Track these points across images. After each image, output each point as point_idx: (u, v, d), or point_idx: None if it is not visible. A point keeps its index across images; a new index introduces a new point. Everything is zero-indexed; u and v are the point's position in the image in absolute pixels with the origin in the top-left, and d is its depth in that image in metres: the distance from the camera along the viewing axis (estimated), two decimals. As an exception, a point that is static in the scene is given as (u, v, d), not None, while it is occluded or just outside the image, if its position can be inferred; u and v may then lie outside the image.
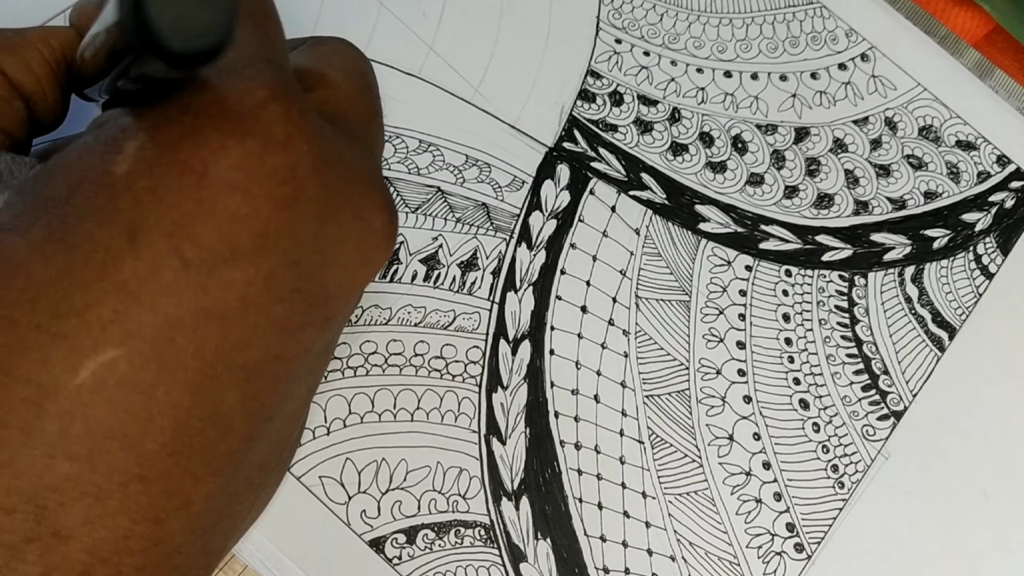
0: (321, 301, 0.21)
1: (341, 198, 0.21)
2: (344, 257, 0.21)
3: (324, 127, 0.21)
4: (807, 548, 0.29)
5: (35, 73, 0.24)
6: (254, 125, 0.19)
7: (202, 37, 0.16)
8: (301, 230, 0.20)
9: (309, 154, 0.20)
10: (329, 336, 0.23)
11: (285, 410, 0.22)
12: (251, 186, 0.19)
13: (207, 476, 0.20)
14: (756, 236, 0.33)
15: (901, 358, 0.31)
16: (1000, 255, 0.33)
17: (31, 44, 0.24)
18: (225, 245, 0.19)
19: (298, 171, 0.19)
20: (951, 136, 0.35)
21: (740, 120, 0.34)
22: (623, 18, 0.35)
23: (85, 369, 0.18)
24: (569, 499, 0.28)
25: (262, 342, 0.20)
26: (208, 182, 0.18)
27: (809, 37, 0.36)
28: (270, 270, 0.19)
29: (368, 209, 0.22)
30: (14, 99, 0.24)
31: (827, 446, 0.30)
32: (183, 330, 0.18)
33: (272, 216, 0.19)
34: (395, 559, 0.27)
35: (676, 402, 0.30)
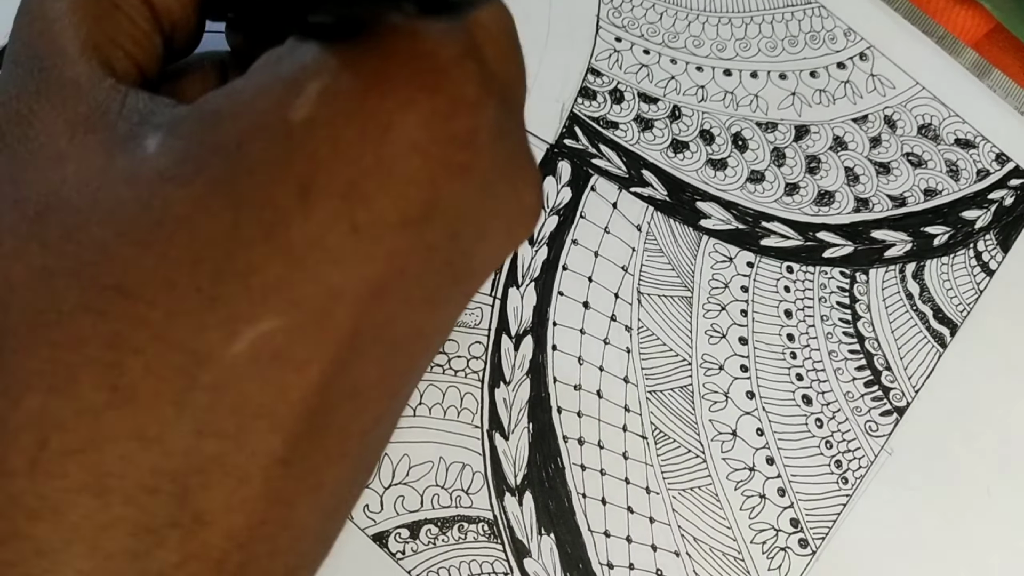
0: (467, 276, 0.20)
1: (506, 172, 0.19)
2: (495, 232, 0.20)
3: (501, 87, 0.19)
4: (811, 543, 0.28)
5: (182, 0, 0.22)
6: (446, 82, 0.17)
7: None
8: (466, 201, 0.18)
9: (493, 121, 0.18)
10: (460, 314, 0.21)
11: (407, 391, 0.21)
12: (432, 148, 0.17)
13: (339, 458, 0.19)
14: (757, 233, 0.33)
15: (903, 354, 0.31)
16: (1000, 252, 0.33)
17: None
18: (397, 211, 0.17)
19: (478, 138, 0.18)
20: (950, 134, 0.35)
21: (740, 118, 0.34)
22: (623, 16, 0.35)
23: (242, 339, 0.16)
24: (573, 494, 0.28)
25: (411, 316, 0.18)
26: (390, 139, 0.17)
27: (808, 36, 0.36)
28: (433, 241, 0.18)
29: (522, 184, 0.20)
30: (155, 33, 0.21)
31: (830, 442, 0.30)
32: (344, 302, 0.17)
33: (446, 184, 0.17)
34: (398, 554, 0.26)
35: (679, 398, 0.30)
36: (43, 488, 0.16)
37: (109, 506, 0.16)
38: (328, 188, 0.17)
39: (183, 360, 0.16)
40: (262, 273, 0.17)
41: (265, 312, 0.17)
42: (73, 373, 0.16)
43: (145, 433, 0.16)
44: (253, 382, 0.17)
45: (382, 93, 0.17)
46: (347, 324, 0.17)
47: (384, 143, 0.17)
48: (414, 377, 0.21)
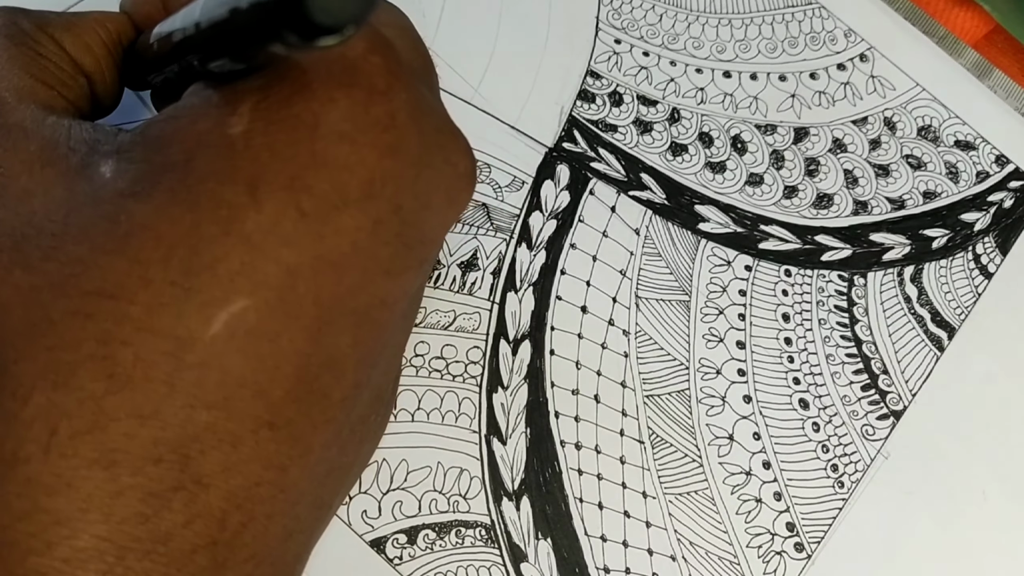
0: (418, 244, 0.22)
1: (434, 144, 0.22)
2: (437, 201, 0.22)
3: (412, 77, 0.21)
4: (807, 547, 0.29)
5: (94, 53, 0.24)
6: (358, 76, 0.20)
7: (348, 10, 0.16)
8: (402, 176, 0.21)
9: (407, 103, 0.20)
10: (421, 280, 0.24)
11: (384, 359, 0.23)
12: (358, 135, 0.20)
13: (323, 423, 0.21)
14: (756, 236, 0.33)
15: (900, 358, 0.32)
16: (999, 255, 0.34)
17: (89, 26, 0.24)
18: (337, 193, 0.19)
19: (398, 119, 0.20)
20: (950, 136, 0.35)
21: (739, 120, 0.34)
22: (622, 18, 0.35)
23: (218, 320, 0.19)
24: (570, 499, 0.28)
25: (371, 286, 0.21)
26: (320, 134, 0.19)
27: (808, 37, 0.36)
28: (377, 215, 0.20)
29: (455, 154, 0.23)
30: (77, 75, 0.24)
31: (827, 446, 0.30)
32: (303, 277, 0.19)
33: (377, 164, 0.20)
34: (396, 559, 0.27)
35: (676, 402, 0.30)
36: (57, 467, 0.18)
37: (117, 477, 0.18)
38: (273, 183, 0.19)
39: (168, 345, 0.18)
40: (226, 262, 0.19)
41: (235, 295, 0.19)
42: (72, 369, 0.18)
43: (143, 411, 0.18)
44: (233, 356, 0.19)
45: (304, 98, 0.19)
46: (309, 297, 0.19)
47: (315, 139, 0.19)
48: (389, 346, 0.23)
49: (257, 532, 0.19)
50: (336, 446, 0.21)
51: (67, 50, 0.24)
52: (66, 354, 0.19)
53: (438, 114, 0.23)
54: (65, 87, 0.23)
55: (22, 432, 0.18)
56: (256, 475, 0.19)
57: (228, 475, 0.19)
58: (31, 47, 0.23)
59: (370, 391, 0.23)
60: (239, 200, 0.19)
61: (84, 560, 0.18)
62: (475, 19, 0.34)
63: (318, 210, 0.19)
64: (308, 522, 0.22)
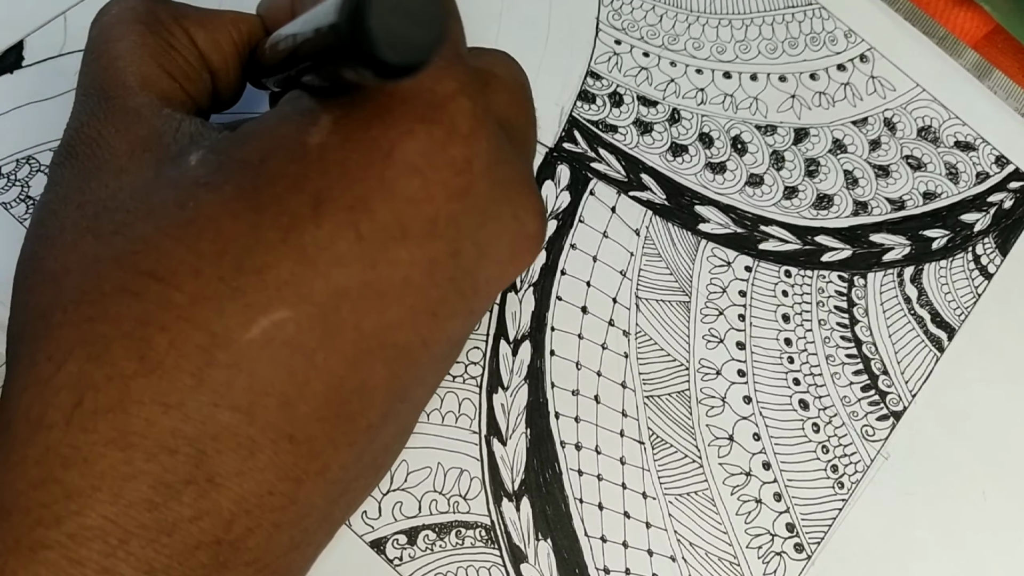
0: (471, 293, 0.22)
1: (504, 197, 0.22)
2: (497, 253, 0.22)
3: (498, 128, 0.22)
4: (807, 548, 0.29)
5: (223, 51, 0.25)
6: (442, 114, 0.20)
7: (414, 52, 0.17)
8: (466, 221, 0.21)
9: (486, 150, 0.21)
10: (467, 329, 0.24)
11: (415, 396, 0.23)
12: (430, 172, 0.20)
13: (345, 446, 0.21)
14: (756, 237, 0.33)
15: (900, 358, 0.32)
16: (999, 256, 0.34)
17: (223, 24, 0.25)
18: (398, 224, 0.20)
19: (474, 164, 0.20)
20: (950, 137, 0.35)
21: (739, 121, 0.34)
22: (623, 19, 0.35)
23: (257, 325, 0.19)
24: (570, 500, 0.28)
25: (415, 324, 0.21)
26: (392, 162, 0.19)
27: (808, 38, 0.36)
28: (434, 255, 0.20)
29: (525, 211, 0.23)
30: (203, 71, 0.25)
31: (827, 446, 0.30)
32: (349, 300, 0.19)
33: (444, 204, 0.20)
34: (396, 560, 0.27)
35: (676, 403, 0.30)
36: (76, 440, 0.18)
37: (132, 460, 0.18)
38: (338, 201, 0.19)
39: (204, 339, 0.19)
40: (277, 269, 0.19)
41: (278, 303, 0.19)
42: (108, 344, 0.19)
43: (167, 400, 0.18)
44: (265, 364, 0.19)
45: (385, 124, 0.19)
46: (351, 321, 0.19)
47: (387, 166, 0.19)
48: (422, 385, 0.23)
49: (262, 539, 0.20)
50: (355, 469, 0.21)
51: (198, 45, 0.24)
52: (106, 328, 0.19)
53: (517, 170, 0.22)
54: (188, 80, 0.24)
55: (50, 397, 0.19)
56: (269, 484, 0.19)
57: (241, 479, 0.19)
58: (164, 38, 0.24)
59: (397, 424, 0.23)
60: (302, 211, 0.19)
61: (88, 539, 0.18)
62: (475, 19, 0.34)
63: (376, 237, 0.19)
64: (315, 536, 0.22)
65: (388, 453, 0.23)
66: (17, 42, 0.31)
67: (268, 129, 0.21)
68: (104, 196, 0.21)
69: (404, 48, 0.16)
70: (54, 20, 0.31)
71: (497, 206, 0.22)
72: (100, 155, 0.22)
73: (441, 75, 0.20)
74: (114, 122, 0.22)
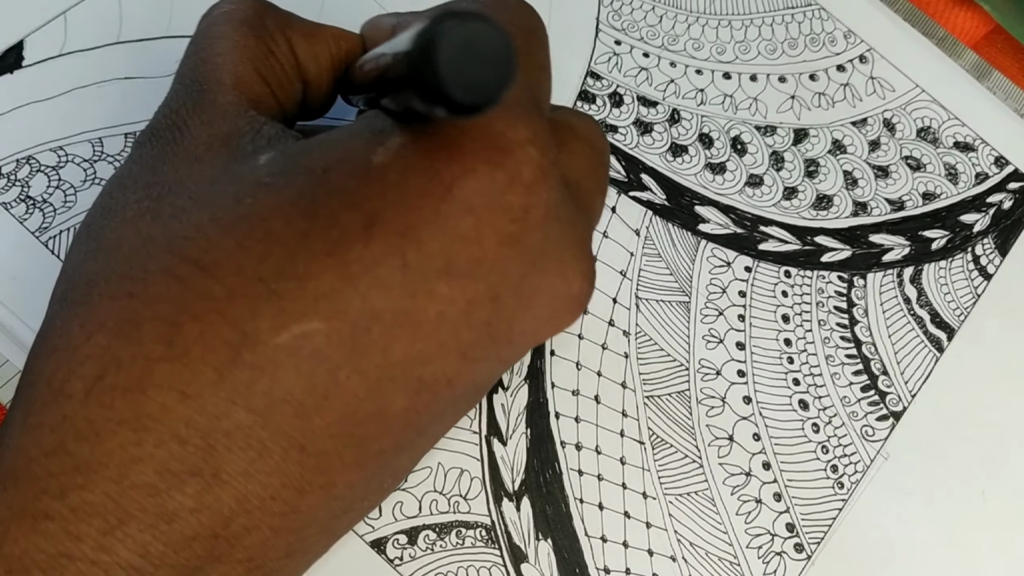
0: (504, 341, 0.22)
1: (554, 253, 0.22)
2: (537, 308, 0.22)
3: (562, 186, 0.22)
4: (807, 548, 0.29)
5: (320, 64, 0.26)
6: (508, 160, 0.20)
7: (482, 92, 0.17)
8: (512, 269, 0.21)
9: (545, 203, 0.21)
10: (494, 377, 0.24)
11: (431, 431, 0.23)
12: (485, 214, 0.20)
13: (354, 467, 0.21)
14: (755, 237, 0.33)
15: (900, 359, 0.32)
16: (998, 256, 0.34)
17: (324, 38, 0.26)
18: (444, 259, 0.20)
19: (530, 215, 0.20)
20: (949, 137, 0.35)
21: (739, 121, 0.34)
22: (622, 19, 0.35)
23: (288, 331, 0.19)
24: (570, 499, 0.28)
25: (442, 361, 0.21)
26: (450, 197, 0.19)
27: (808, 39, 0.36)
28: (473, 295, 0.20)
29: (574, 272, 0.23)
30: (296, 80, 0.25)
31: (827, 446, 0.30)
32: (382, 325, 0.19)
33: (493, 247, 0.20)
34: (396, 560, 0.27)
35: (676, 403, 0.30)
36: (92, 414, 0.18)
37: (142, 443, 0.18)
38: (389, 224, 0.19)
39: (233, 336, 0.19)
40: (318, 280, 0.19)
41: (312, 314, 0.19)
42: (140, 323, 0.19)
43: (186, 389, 0.18)
44: (288, 371, 0.19)
45: (450, 158, 0.20)
46: (379, 345, 0.20)
47: (444, 199, 0.19)
48: (440, 423, 0.23)
49: (258, 540, 0.20)
50: (360, 490, 0.21)
51: (297, 56, 0.25)
52: (142, 307, 0.19)
53: (574, 230, 0.23)
54: (280, 87, 0.24)
55: (75, 366, 0.19)
56: (273, 489, 0.19)
57: (246, 479, 0.19)
58: (266, 43, 0.24)
59: (408, 455, 0.23)
60: (353, 227, 0.19)
61: (89, 514, 0.18)
62: (475, 20, 0.34)
63: (420, 267, 0.19)
64: (312, 546, 0.22)
65: (395, 479, 0.23)
66: (17, 42, 0.31)
67: (338, 142, 0.21)
68: (172, 181, 0.21)
69: (471, 87, 0.17)
70: (54, 20, 0.31)
71: (546, 261, 0.22)
72: (180, 142, 0.22)
73: (515, 122, 0.20)
74: (200, 114, 0.22)
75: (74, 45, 0.31)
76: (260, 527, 0.19)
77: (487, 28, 0.17)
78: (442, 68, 0.17)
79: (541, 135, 0.20)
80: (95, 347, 0.19)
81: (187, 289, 0.19)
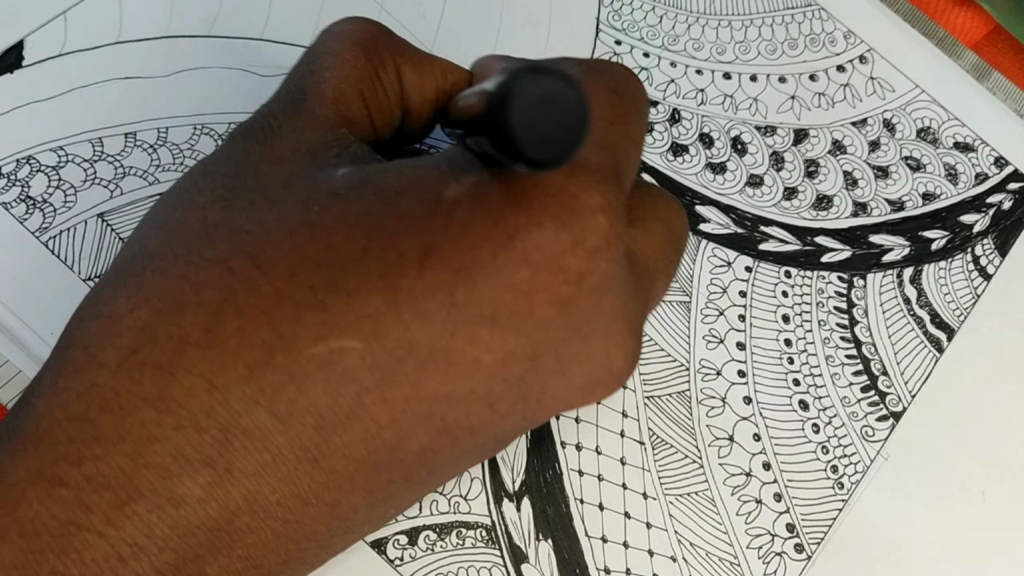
0: (533, 401, 0.22)
1: (601, 325, 0.22)
2: (573, 376, 0.22)
3: (624, 260, 0.22)
4: (807, 548, 0.29)
5: (423, 95, 0.26)
6: (575, 222, 0.20)
7: (551, 149, 0.17)
8: (556, 331, 0.21)
9: (604, 273, 0.21)
10: (516, 434, 0.24)
11: (443, 473, 0.23)
12: (541, 271, 0.20)
13: (362, 491, 0.21)
14: (756, 237, 0.33)
15: (900, 359, 0.32)
16: (998, 256, 0.34)
17: (433, 70, 0.26)
18: (490, 306, 0.20)
19: (585, 281, 0.20)
20: (949, 138, 0.35)
21: (739, 121, 0.34)
22: (623, 19, 0.35)
23: (324, 344, 0.19)
24: (570, 500, 0.28)
25: (468, 408, 0.21)
26: (511, 245, 0.20)
27: (807, 39, 0.36)
28: (512, 349, 0.20)
29: (617, 348, 0.23)
30: (396, 108, 0.25)
31: (827, 447, 0.30)
32: (416, 358, 0.19)
33: (542, 305, 0.20)
34: (397, 560, 0.27)
35: (676, 403, 0.30)
36: (119, 386, 0.19)
37: (162, 424, 0.18)
38: (446, 260, 0.19)
39: (271, 337, 0.19)
40: (364, 300, 0.19)
41: (352, 332, 0.19)
42: (184, 306, 0.19)
43: (215, 379, 0.19)
44: (316, 383, 0.19)
45: (519, 207, 0.20)
46: (410, 379, 0.20)
47: (504, 246, 0.20)
48: (454, 467, 0.23)
49: (259, 542, 0.20)
50: (363, 514, 0.22)
51: (403, 84, 0.25)
52: (190, 289, 0.19)
53: (626, 307, 0.23)
54: (379, 112, 0.25)
55: (113, 336, 0.19)
56: (281, 495, 0.19)
57: (257, 480, 0.19)
58: (375, 67, 0.24)
59: (417, 490, 0.23)
60: (410, 255, 0.19)
61: (102, 486, 0.18)
62: (476, 20, 0.34)
63: (466, 309, 0.20)
64: (309, 558, 0.22)
65: (397, 510, 0.24)
66: (17, 42, 0.31)
67: (415, 168, 0.21)
68: (250, 176, 0.22)
69: (541, 142, 0.17)
70: (54, 20, 0.31)
71: (592, 331, 0.22)
72: (268, 142, 0.22)
73: (591, 186, 0.20)
74: (295, 120, 0.23)
75: (74, 45, 0.31)
76: (263, 529, 0.19)
77: (562, 86, 0.17)
78: (513, 120, 0.17)
79: (614, 205, 0.20)
80: (136, 320, 0.19)
81: (237, 282, 0.19)
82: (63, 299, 0.27)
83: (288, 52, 0.32)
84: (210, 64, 0.31)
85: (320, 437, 0.19)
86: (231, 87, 0.31)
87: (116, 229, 0.29)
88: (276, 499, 0.19)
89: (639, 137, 0.24)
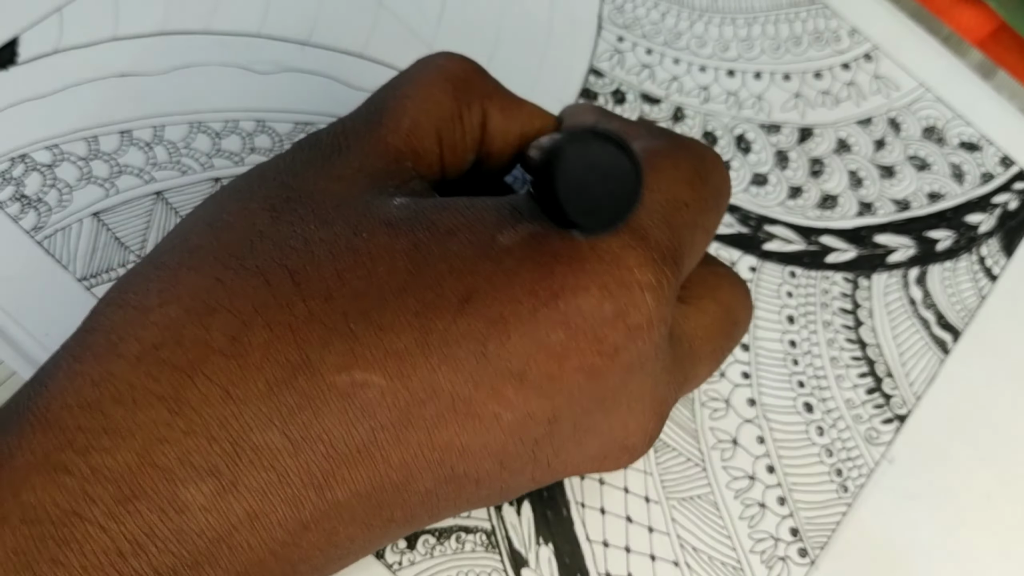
0: (544, 464, 0.22)
1: (626, 401, 0.22)
2: (588, 446, 0.22)
3: (666, 341, 0.22)
4: (810, 553, 0.28)
5: (507, 140, 0.25)
6: (622, 295, 0.20)
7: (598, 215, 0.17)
8: (580, 399, 0.21)
9: (636, 352, 0.20)
10: (520, 492, 0.23)
11: (442, 517, 0.23)
12: (578, 336, 0.20)
13: (361, 524, 0.20)
14: (760, 237, 0.32)
15: (905, 361, 0.31)
16: (1004, 257, 0.33)
17: (521, 115, 0.25)
18: (520, 363, 0.19)
19: (619, 355, 0.20)
20: (954, 137, 0.35)
21: (743, 120, 0.34)
22: (625, 16, 0.35)
23: (348, 374, 0.19)
24: (571, 504, 0.28)
25: (479, 461, 0.21)
26: (553, 305, 0.19)
27: (812, 37, 0.36)
28: (534, 411, 0.20)
29: (637, 426, 0.23)
30: (471, 151, 0.25)
31: (831, 449, 0.30)
32: (437, 404, 0.19)
33: (571, 372, 0.20)
34: (395, 565, 0.26)
35: (679, 406, 0.29)
36: (136, 380, 0.19)
37: (172, 426, 0.18)
38: (485, 308, 0.19)
39: (296, 358, 0.19)
40: (396, 336, 0.19)
41: (378, 368, 0.19)
42: (213, 310, 0.19)
43: (232, 390, 0.19)
44: (332, 412, 0.19)
45: (570, 268, 0.19)
46: (426, 424, 0.19)
47: (545, 303, 0.19)
48: (453, 511, 0.23)
49: (255, 559, 0.19)
50: (360, 544, 0.21)
51: (488, 128, 0.25)
52: (223, 294, 0.19)
53: (656, 387, 0.22)
54: (452, 152, 0.24)
55: (139, 329, 0.19)
56: (280, 515, 0.19)
57: (260, 498, 0.19)
58: (459, 107, 0.24)
59: (416, 527, 0.23)
60: (449, 298, 0.19)
61: (106, 479, 0.18)
62: (477, 17, 0.34)
63: (495, 363, 0.19)
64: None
65: (391, 543, 0.23)
66: (11, 38, 0.30)
67: (473, 208, 0.21)
68: (306, 189, 0.21)
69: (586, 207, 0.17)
70: (49, 16, 0.31)
71: (615, 405, 0.21)
72: (332, 159, 0.22)
73: (646, 263, 0.20)
74: (364, 143, 0.23)
75: (69, 42, 0.31)
76: (261, 547, 0.19)
77: (614, 153, 0.17)
78: (559, 182, 0.17)
79: (664, 287, 0.20)
80: (164, 316, 0.19)
81: (271, 295, 0.19)
82: (58, 300, 0.27)
83: (285, 48, 0.32)
84: (207, 61, 0.31)
85: (329, 466, 0.19)
86: (228, 84, 0.31)
87: (111, 228, 0.28)
88: (277, 520, 0.19)
89: (712, 228, 0.24)
